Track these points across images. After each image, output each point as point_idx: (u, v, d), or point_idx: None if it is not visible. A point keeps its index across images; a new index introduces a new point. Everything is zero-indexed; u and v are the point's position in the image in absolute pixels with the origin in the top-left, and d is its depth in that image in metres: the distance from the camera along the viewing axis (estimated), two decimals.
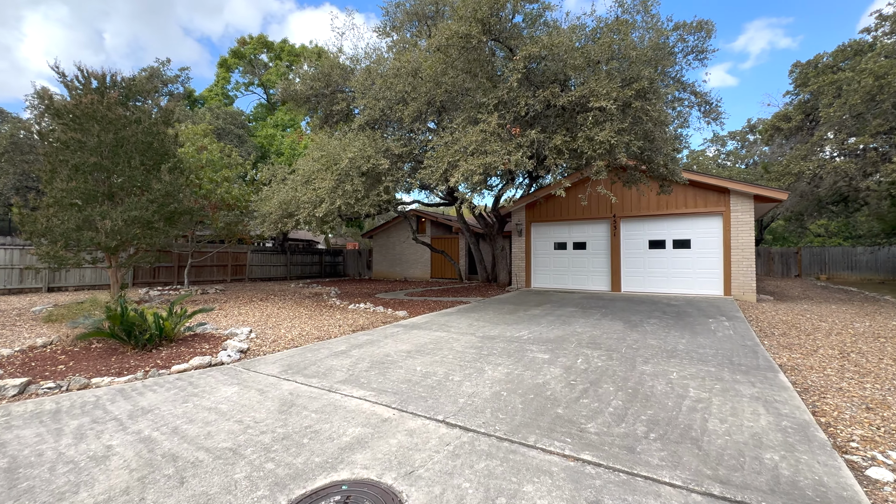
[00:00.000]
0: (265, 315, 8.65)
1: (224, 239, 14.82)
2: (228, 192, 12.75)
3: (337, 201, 7.73)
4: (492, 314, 8.37)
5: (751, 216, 10.28)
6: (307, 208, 8.39)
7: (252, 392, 3.91)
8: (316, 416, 3.34)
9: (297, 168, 9.37)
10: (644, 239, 11.76)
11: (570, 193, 12.68)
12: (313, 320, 8.00)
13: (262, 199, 12.19)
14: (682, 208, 11.12)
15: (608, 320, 7.54)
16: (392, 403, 3.58)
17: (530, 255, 13.43)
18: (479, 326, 7.02)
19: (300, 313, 8.94)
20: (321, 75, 11.34)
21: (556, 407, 3.49)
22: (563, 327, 6.90)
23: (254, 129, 22.46)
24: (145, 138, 9.44)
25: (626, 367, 4.61)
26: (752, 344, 5.66)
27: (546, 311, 8.66)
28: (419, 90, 7.84)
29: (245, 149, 19.70)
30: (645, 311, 8.55)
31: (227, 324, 7.55)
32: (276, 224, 10.23)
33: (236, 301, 11.31)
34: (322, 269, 24.64)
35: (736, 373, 4.37)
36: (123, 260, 9.79)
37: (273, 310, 9.52)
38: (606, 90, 5.65)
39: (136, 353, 5.30)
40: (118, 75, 9.53)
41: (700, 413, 3.34)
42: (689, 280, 11.08)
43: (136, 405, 3.64)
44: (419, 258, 22.12)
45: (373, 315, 8.64)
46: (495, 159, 5.99)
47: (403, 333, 6.56)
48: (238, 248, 19.08)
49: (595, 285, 12.42)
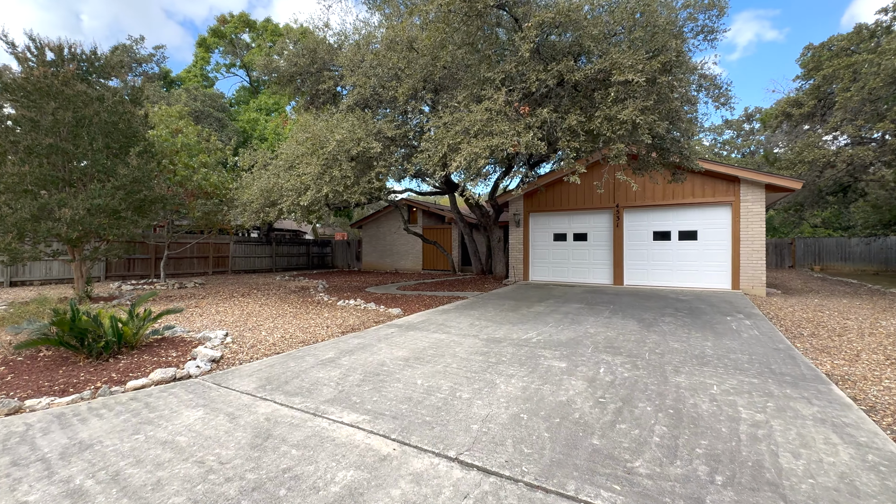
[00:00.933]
0: (245, 314, 7.91)
1: (203, 230, 13.92)
2: (206, 178, 11.83)
3: (324, 188, 6.98)
4: (493, 312, 7.76)
5: (762, 206, 9.81)
6: (291, 196, 7.62)
7: (220, 417, 3.24)
8: (297, 453, 2.69)
9: (281, 152, 8.56)
10: (648, 230, 11.25)
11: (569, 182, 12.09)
12: (298, 320, 7.30)
13: (243, 186, 11.36)
14: (689, 198, 10.60)
15: (619, 318, 6.99)
16: (391, 433, 2.95)
17: (528, 246, 12.84)
18: (481, 327, 6.40)
19: (284, 311, 8.22)
20: (306, 51, 10.43)
21: (590, 436, 2.89)
22: (573, 327, 6.32)
23: (235, 113, 21.31)
24: (110, 118, 8.51)
25: (656, 378, 4.04)
26: (785, 347, 5.15)
27: (551, 308, 8.09)
28: (415, 65, 7.08)
29: (226, 133, 18.62)
30: (655, 308, 8.04)
31: (202, 325, 6.80)
32: (258, 214, 9.44)
33: (215, 297, 10.52)
34: (309, 261, 23.79)
35: (783, 385, 3.83)
36: (88, 252, 8.91)
37: (255, 307, 8.77)
38: (632, 61, 4.99)
39: (89, 364, 4.57)
40: (77, 47, 8.55)
41: (765, 444, 2.77)
42: (696, 273, 10.62)
43: (75, 438, 2.95)
44: (410, 249, 21.42)
45: (364, 313, 7.96)
46: (503, 141, 5.31)
47: (399, 336, 5.91)
48: (220, 239, 18.13)
49: (596, 279, 11.91)
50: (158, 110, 12.62)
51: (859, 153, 10.74)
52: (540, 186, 12.49)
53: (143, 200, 9.12)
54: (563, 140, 5.76)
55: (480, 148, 5.34)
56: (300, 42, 10.89)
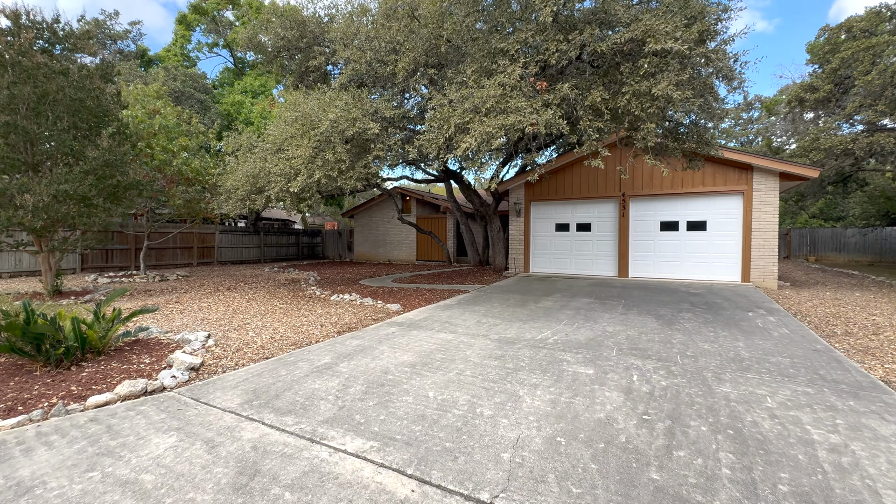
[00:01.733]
0: (231, 310, 7.29)
1: (186, 219, 13.13)
2: (187, 163, 11.03)
3: (316, 173, 6.34)
4: (499, 307, 7.27)
5: (775, 195, 9.42)
6: (279, 182, 6.97)
7: (197, 446, 2.68)
8: (292, 497, 2.16)
9: (268, 134, 7.85)
10: (655, 220, 10.82)
11: (573, 170, 11.58)
12: (289, 317, 6.71)
13: (227, 171, 10.64)
14: (698, 186, 10.17)
15: (636, 315, 6.55)
16: (407, 465, 2.43)
17: (529, 237, 12.34)
18: (490, 325, 5.90)
19: (273, 307, 7.62)
20: (294, 24, 9.63)
21: (645, 468, 2.40)
22: (589, 325, 5.85)
23: (218, 96, 20.23)
24: (76, 94, 7.70)
25: (699, 387, 3.58)
26: (824, 348, 4.74)
27: (560, 303, 7.62)
28: (416, 36, 6.43)
29: (208, 117, 17.61)
30: (670, 303, 7.62)
31: (182, 323, 6.18)
32: (244, 201, 8.76)
33: (199, 290, 9.85)
34: (299, 251, 23.04)
35: (842, 396, 3.40)
36: (56, 243, 8.16)
37: (241, 302, 8.15)
38: (671, 27, 4.42)
39: (47, 374, 3.95)
40: (37, 14, 7.68)
41: (856, 476, 2.32)
42: (704, 265, 10.25)
43: (12, 476, 2.37)
44: (404, 239, 20.81)
45: (360, 309, 7.40)
46: (520, 119, 4.74)
47: (401, 336, 5.38)
48: (205, 229, 17.29)
49: (600, 270, 11.49)
50: (134, 89, 11.70)
51: (879, 140, 10.41)
52: (543, 174, 11.95)
53: (117, 186, 8.36)
54: (584, 119, 5.20)
55: (494, 127, 4.74)
56: (287, 15, 10.08)
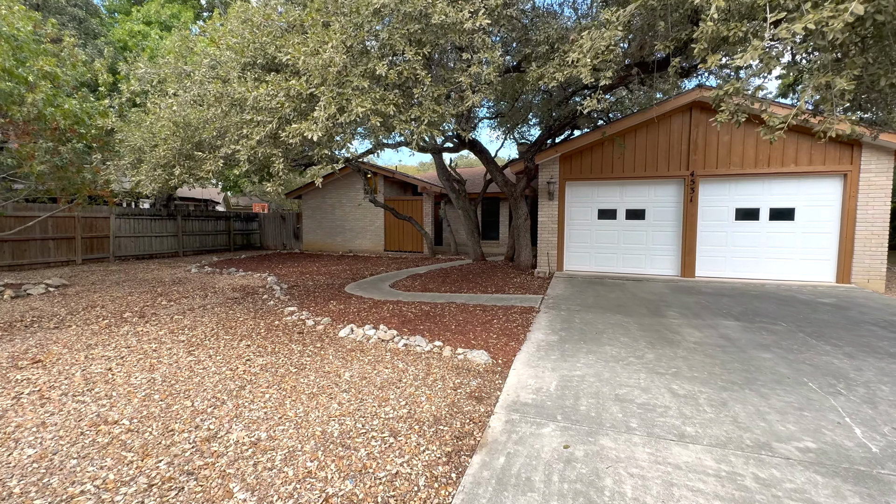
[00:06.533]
0: (164, 386, 3.66)
1: (60, 196, 8.49)
2: (53, 103, 6.58)
3: (362, 102, 2.91)
4: (644, 346, 4.48)
5: (888, 178, 7.72)
6: (265, 125, 3.41)
7: None
8: None
9: (228, 40, 4.15)
10: (729, 206, 8.72)
11: (625, 139, 9.07)
12: (293, 399, 3.31)
13: (133, 122, 6.70)
14: (789, 165, 8.19)
15: (843, 357, 4.15)
16: None
17: (564, 225, 9.69)
18: (689, 400, 3.09)
19: (237, 367, 4.09)
20: None
21: None
22: (845, 385, 3.30)
23: (110, 24, 14.64)
24: None
25: None
26: None
27: (704, 332, 5.04)
28: None
29: (95, 46, 12.32)
30: (823, 322, 5.40)
31: (26, 471, 2.55)
32: (169, 169, 5.01)
33: (86, 321, 5.76)
34: (230, 241, 18.23)
35: None
36: None
37: (177, 354, 4.46)
38: None
39: None
40: None
41: None
42: (790, 263, 8.39)
43: None
44: (368, 225, 17.19)
45: (415, 362, 4.17)
46: None
47: (583, 464, 2.37)
48: (94, 212, 12.21)
49: (656, 269, 9.23)
50: None
51: None
52: (582, 146, 9.30)
53: None
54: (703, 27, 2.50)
55: None
56: None
